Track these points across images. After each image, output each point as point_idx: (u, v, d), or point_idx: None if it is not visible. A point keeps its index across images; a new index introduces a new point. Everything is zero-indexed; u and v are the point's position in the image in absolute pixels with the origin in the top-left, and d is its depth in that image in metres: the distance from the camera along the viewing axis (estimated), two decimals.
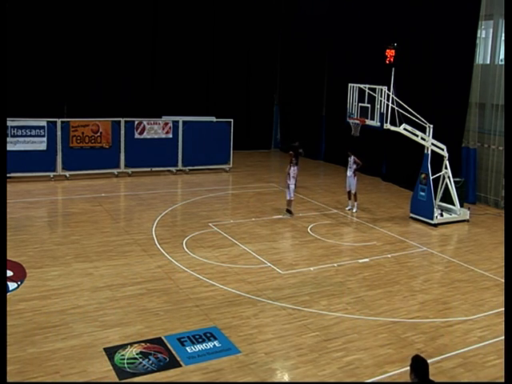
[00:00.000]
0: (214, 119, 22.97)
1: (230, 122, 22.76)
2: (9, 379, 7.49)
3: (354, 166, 16.79)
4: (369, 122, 15.51)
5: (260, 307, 10.04)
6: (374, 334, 9.20)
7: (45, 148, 19.95)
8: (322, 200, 18.18)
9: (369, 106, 15.53)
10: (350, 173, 16.87)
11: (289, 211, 16.12)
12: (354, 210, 16.85)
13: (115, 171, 20.81)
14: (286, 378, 8.06)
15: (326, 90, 25.79)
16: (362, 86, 15.73)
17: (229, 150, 22.66)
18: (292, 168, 16.14)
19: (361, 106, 15.79)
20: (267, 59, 28.16)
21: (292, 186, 16.04)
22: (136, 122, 21.32)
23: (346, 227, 15.46)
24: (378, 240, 14.25)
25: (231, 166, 22.67)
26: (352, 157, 16.84)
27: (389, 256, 13.06)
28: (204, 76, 26.79)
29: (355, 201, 16.91)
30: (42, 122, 19.95)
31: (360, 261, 12.68)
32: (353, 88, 15.97)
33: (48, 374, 7.69)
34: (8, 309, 9.52)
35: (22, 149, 19.50)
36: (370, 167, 21.86)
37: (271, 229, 14.88)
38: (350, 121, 16.09)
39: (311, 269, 12.03)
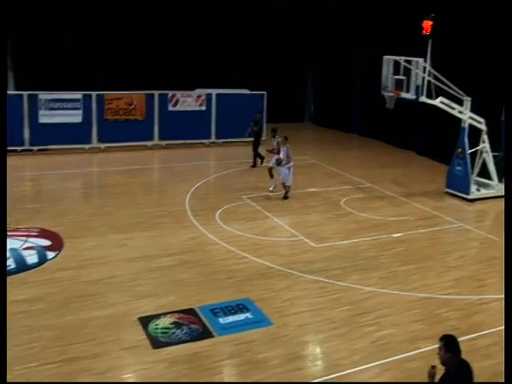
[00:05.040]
0: (247, 92, 22.83)
1: (264, 94, 22.59)
2: (48, 344, 7.75)
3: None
4: (404, 94, 15.22)
5: (292, 280, 10.07)
6: (407, 310, 9.14)
7: (80, 120, 20.22)
8: (356, 174, 17.99)
9: (404, 78, 15.20)
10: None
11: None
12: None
13: (149, 143, 20.97)
14: (318, 351, 8.11)
15: (360, 62, 25.30)
16: (397, 58, 15.39)
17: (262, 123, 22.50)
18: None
19: (396, 79, 15.48)
20: (301, 31, 27.68)
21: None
22: (170, 95, 21.38)
23: (380, 201, 15.29)
24: (412, 215, 14.07)
25: (264, 138, 22.54)
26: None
27: (422, 231, 12.90)
28: (238, 48, 26.53)
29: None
30: (78, 95, 20.19)
31: (393, 235, 12.55)
32: (388, 60, 15.63)
33: (85, 341, 7.90)
34: (47, 277, 9.84)
35: (59, 121, 19.79)
36: (405, 141, 21.50)
37: (304, 202, 14.83)
38: (385, 93, 15.80)
39: (344, 242, 11.98)
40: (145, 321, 8.45)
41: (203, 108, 21.88)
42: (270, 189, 15.40)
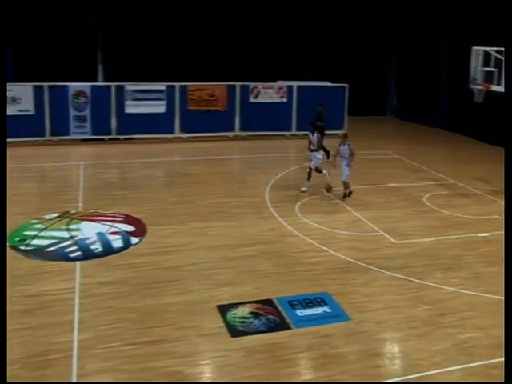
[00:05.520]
0: (328, 84, 22.58)
1: (345, 87, 22.27)
2: (130, 326, 8.01)
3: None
4: (494, 87, 14.52)
5: (372, 276, 9.87)
6: (493, 313, 8.73)
7: (164, 111, 20.77)
8: (440, 169, 17.38)
9: (495, 70, 14.50)
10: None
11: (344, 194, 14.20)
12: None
13: (230, 134, 21.21)
14: (397, 350, 7.91)
15: (446, 52, 24.37)
16: (487, 49, 14.68)
17: (343, 116, 22.25)
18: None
19: (485, 71, 14.78)
20: (385, 21, 27.00)
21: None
22: (251, 86, 21.51)
23: (465, 199, 14.70)
24: (501, 213, 13.41)
25: (345, 131, 22.24)
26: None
27: None
28: (320, 40, 26.26)
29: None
30: (162, 86, 20.74)
31: (479, 235, 12.04)
32: (477, 52, 14.94)
33: (164, 325, 8.11)
34: (130, 261, 10.18)
35: (144, 111, 20.42)
36: (493, 136, 20.53)
37: (385, 197, 14.50)
38: (473, 86, 15.14)
39: (425, 240, 11.62)
40: (223, 309, 8.55)
41: (284, 100, 21.87)
42: (303, 189, 14.48)
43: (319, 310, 8.60)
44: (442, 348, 7.76)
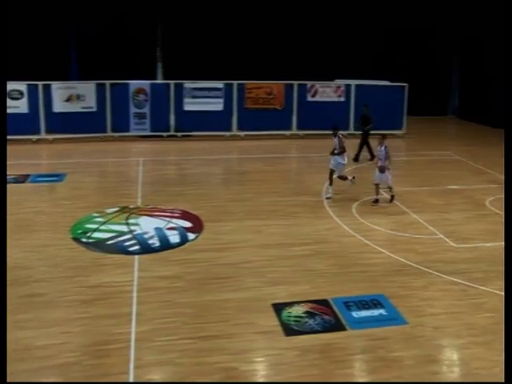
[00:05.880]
0: (387, 83, 22.21)
1: (405, 86, 21.85)
2: (187, 321, 8.12)
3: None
4: None
5: (430, 279, 9.64)
6: None
7: (222, 109, 20.97)
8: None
9: None
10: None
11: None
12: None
13: (287, 133, 21.19)
14: (455, 357, 7.69)
15: None
16: None
17: (402, 116, 21.86)
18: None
19: None
20: (446, 10, 26.10)
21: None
22: (308, 85, 21.44)
23: None
24: None
25: (404, 131, 21.86)
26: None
27: None
28: (378, 38, 25.86)
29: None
30: (220, 84, 20.96)
31: None
32: None
33: (220, 321, 8.18)
34: (187, 257, 10.33)
35: (201, 109, 20.69)
36: None
37: (445, 199, 14.13)
38: None
39: (487, 245, 11.25)
40: (278, 307, 8.55)
41: (342, 99, 21.68)
42: (328, 195, 13.71)
43: (375, 313, 8.47)
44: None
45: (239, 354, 7.45)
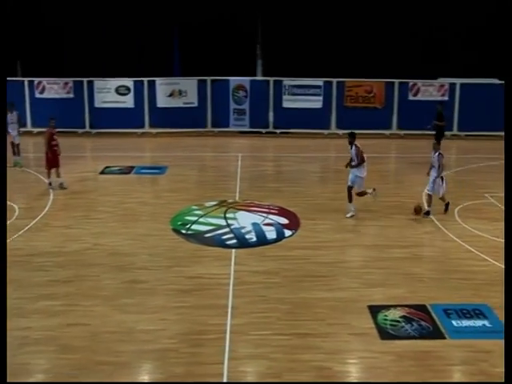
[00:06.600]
0: (496, 82, 21.07)
1: None
2: (281, 317, 8.16)
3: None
4: None
5: None
6: None
7: (320, 106, 20.86)
8: None
9: None
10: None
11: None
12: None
13: (387, 132, 20.72)
14: None
15: None
16: None
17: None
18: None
19: None
20: None
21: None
22: (410, 84, 20.84)
23: None
24: None
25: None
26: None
27: None
28: (484, 34, 24.44)
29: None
30: (319, 82, 20.86)
31: None
32: None
33: (315, 320, 8.15)
34: (283, 253, 10.38)
35: (300, 106, 20.70)
36: None
37: None
38: None
39: None
40: (374, 310, 8.38)
41: (446, 98, 20.84)
42: (349, 214, 12.21)
43: (478, 323, 8.08)
44: None
45: (333, 354, 7.38)
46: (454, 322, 8.08)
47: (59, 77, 21.24)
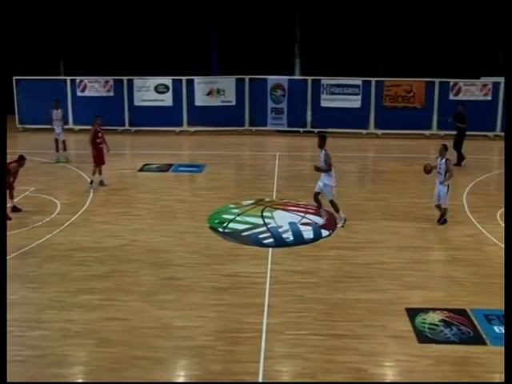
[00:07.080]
0: None
1: None
2: (318, 317, 8.12)
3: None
4: None
5: None
6: None
7: (359, 106, 20.70)
8: None
9: None
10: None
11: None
12: None
13: (427, 132, 20.40)
14: None
15: None
16: None
17: None
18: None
19: None
20: None
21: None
22: (451, 83, 20.45)
23: None
24: None
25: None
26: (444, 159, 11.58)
27: None
28: None
29: None
30: (358, 81, 20.69)
31: None
32: None
33: (351, 321, 8.07)
34: (320, 253, 10.34)
35: (338, 106, 20.58)
36: None
37: None
38: None
39: None
40: (412, 312, 8.25)
41: (488, 98, 20.40)
42: (339, 225, 11.56)
43: None
44: None
45: (369, 356, 7.30)
46: (495, 328, 7.88)
47: (100, 75, 21.62)
